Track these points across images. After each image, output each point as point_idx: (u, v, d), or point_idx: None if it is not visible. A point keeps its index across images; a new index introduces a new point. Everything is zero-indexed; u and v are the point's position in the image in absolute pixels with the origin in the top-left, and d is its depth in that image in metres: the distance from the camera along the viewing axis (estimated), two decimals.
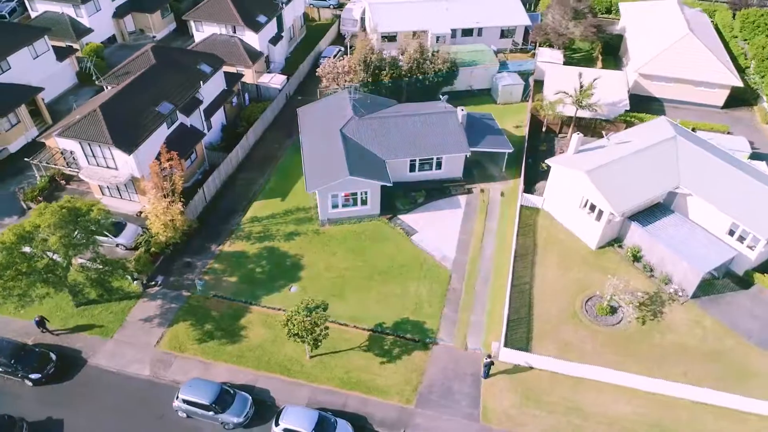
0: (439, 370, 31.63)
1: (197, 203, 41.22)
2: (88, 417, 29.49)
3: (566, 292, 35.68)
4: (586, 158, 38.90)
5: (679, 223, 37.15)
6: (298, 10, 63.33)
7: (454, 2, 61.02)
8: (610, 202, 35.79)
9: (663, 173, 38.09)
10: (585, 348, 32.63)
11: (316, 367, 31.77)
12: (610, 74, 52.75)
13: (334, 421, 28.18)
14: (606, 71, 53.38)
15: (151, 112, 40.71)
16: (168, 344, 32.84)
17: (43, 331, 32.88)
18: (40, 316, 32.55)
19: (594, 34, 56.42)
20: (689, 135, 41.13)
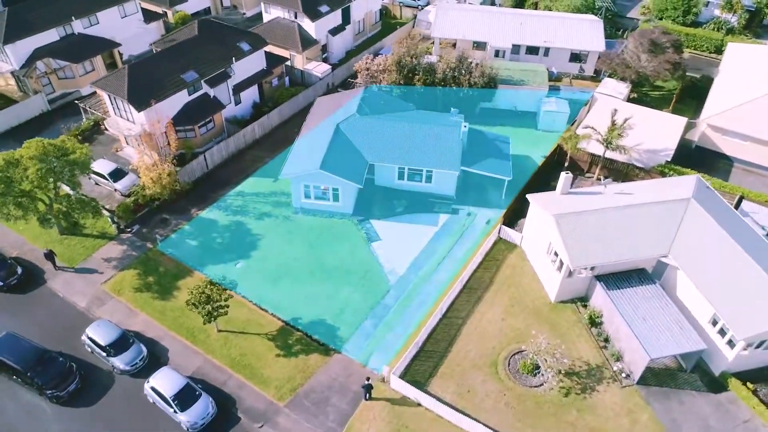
0: (328, 378, 30.94)
1: (195, 168, 44.18)
2: (20, 325, 33.39)
3: (497, 338, 32.67)
4: (569, 201, 35.02)
5: (654, 296, 32.03)
6: (373, 5, 64.07)
7: (532, 18, 57.66)
8: (569, 253, 31.95)
9: (653, 237, 33.03)
10: (486, 401, 29.74)
11: (219, 341, 32.78)
12: (665, 118, 46.74)
13: (198, 394, 29.01)
14: (663, 114, 47.38)
15: (175, 78, 44.29)
16: (111, 286, 35.96)
17: (56, 269, 36.81)
18: (49, 250, 36.78)
19: (668, 72, 49.92)
20: (713, 201, 35.08)
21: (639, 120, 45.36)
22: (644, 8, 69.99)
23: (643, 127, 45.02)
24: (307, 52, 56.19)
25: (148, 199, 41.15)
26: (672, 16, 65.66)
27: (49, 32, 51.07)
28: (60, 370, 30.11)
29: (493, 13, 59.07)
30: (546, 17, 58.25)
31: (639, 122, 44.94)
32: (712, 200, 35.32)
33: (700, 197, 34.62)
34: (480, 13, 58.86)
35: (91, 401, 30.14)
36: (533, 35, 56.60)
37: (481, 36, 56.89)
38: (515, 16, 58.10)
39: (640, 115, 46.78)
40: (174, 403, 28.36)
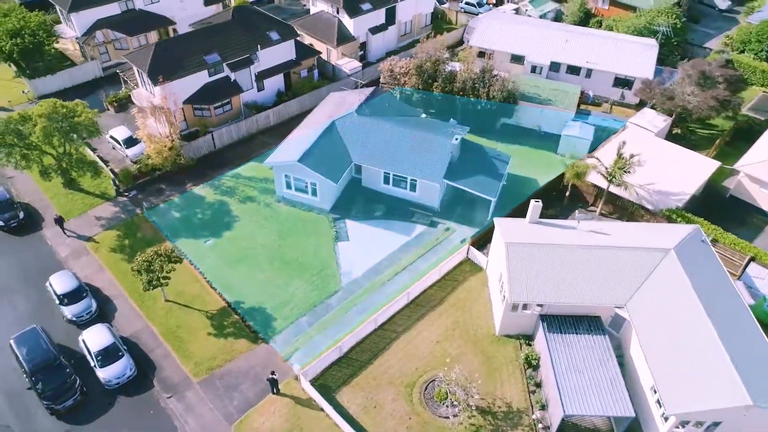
0: (246, 365, 31.40)
1: (202, 145, 46.37)
2: (4, 262, 37.13)
3: (424, 360, 31.38)
4: (533, 231, 32.75)
5: (598, 349, 29.15)
6: (424, 8, 63.32)
7: (580, 35, 54.32)
8: (510, 285, 29.93)
9: (612, 285, 30.05)
10: (388, 421, 28.73)
11: (163, 310, 34.34)
12: (695, 160, 42.27)
13: (121, 354, 30.61)
14: (694, 155, 42.92)
15: (197, 59, 46.71)
16: (92, 243, 38.82)
17: (66, 234, 39.52)
18: (59, 215, 39.76)
19: (713, 109, 44.90)
20: (702, 258, 31.28)
21: (665, 158, 41.60)
22: (728, 38, 63.41)
23: (667, 165, 41.07)
24: (342, 47, 56.85)
25: (150, 168, 43.88)
26: (755, 50, 58.83)
27: (112, 5, 55.76)
28: (62, 381, 29.07)
29: (539, 26, 56.23)
30: (595, 36, 54.52)
31: (664, 160, 41.22)
32: (702, 256, 31.49)
33: (686, 251, 30.97)
34: (525, 25, 56.25)
35: (86, 419, 29.30)
36: (576, 54, 53.20)
37: (519, 49, 54.40)
38: (562, 32, 54.92)
39: (669, 152, 42.82)
40: (96, 359, 30.19)
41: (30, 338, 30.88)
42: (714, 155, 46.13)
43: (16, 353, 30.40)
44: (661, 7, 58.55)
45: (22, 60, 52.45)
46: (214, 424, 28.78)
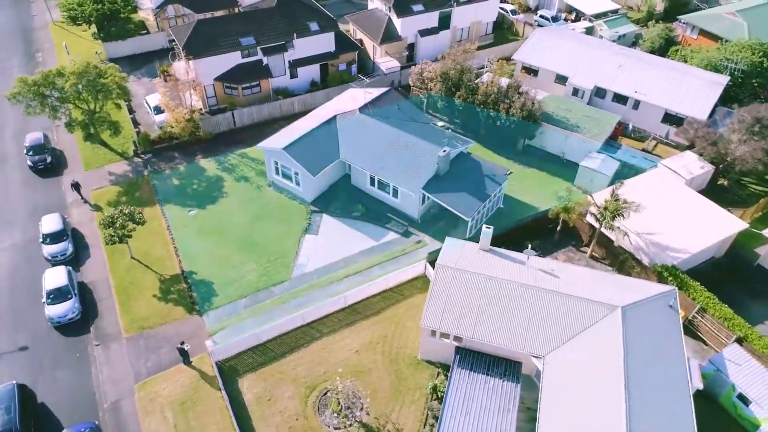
0: (174, 332, 32.65)
1: (221, 122, 48.69)
2: (24, 196, 41.74)
3: (335, 365, 30.65)
4: (476, 258, 30.66)
5: (503, 397, 26.64)
6: (485, 16, 61.04)
7: (637, 61, 49.66)
8: (426, 309, 28.32)
9: (537, 332, 27.32)
10: (276, 417, 28.54)
11: (125, 266, 36.69)
12: (720, 217, 37.05)
13: (70, 297, 33.13)
14: (721, 212, 37.69)
15: (233, 40, 49.05)
16: (95, 195, 42.38)
17: (82, 200, 42.40)
18: (75, 181, 43.24)
19: (761, 162, 38.98)
20: (658, 324, 27.54)
21: (684, 209, 37.10)
22: None
23: (683, 218, 36.49)
24: (387, 46, 56.63)
25: (169, 135, 46.94)
26: None
27: None
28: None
29: (594, 47, 52.01)
30: (656, 65, 49.36)
31: (683, 212, 36.82)
32: (660, 322, 27.64)
33: (639, 313, 27.38)
34: (579, 44, 52.31)
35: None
36: (626, 82, 48.60)
37: (564, 69, 50.80)
38: (618, 57, 50.40)
39: (692, 204, 38.02)
40: (48, 296, 33.09)
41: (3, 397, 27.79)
42: (757, 217, 40.12)
43: None
44: (749, 42, 51.50)
45: (99, 24, 58.34)
46: (122, 379, 30.41)
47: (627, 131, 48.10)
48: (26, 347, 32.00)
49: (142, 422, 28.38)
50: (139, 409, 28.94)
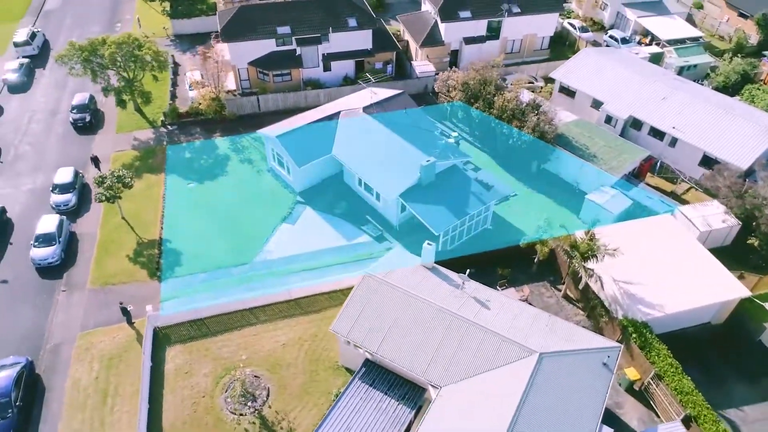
0: (133, 292, 34.50)
1: (245, 104, 50.62)
2: (60, 150, 46.21)
3: (257, 353, 31.00)
4: (412, 274, 29.51)
5: (392, 420, 25.46)
6: (540, 29, 57.97)
7: (687, 95, 45.01)
8: (339, 315, 27.72)
9: (443, 361, 25.74)
10: (184, 391, 29.44)
11: (114, 224, 39.32)
12: (718, 277, 32.89)
13: (54, 244, 36.09)
14: (720, 271, 33.22)
15: (270, 27, 50.75)
16: (115, 156, 45.82)
17: (99, 173, 44.44)
18: (94, 155, 45.96)
19: None
20: (579, 378, 24.96)
21: (683, 264, 33.26)
22: None
23: (677, 273, 32.78)
24: (428, 49, 55.78)
25: (195, 111, 49.64)
26: None
27: None
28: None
29: (643, 73, 47.60)
30: (707, 101, 44.24)
31: (680, 266, 33.06)
32: (582, 379, 25.08)
33: (559, 364, 25.06)
34: (627, 68, 48.13)
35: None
36: (665, 116, 44.12)
37: (600, 93, 47.14)
38: (665, 87, 45.82)
39: (694, 259, 33.87)
40: (35, 239, 36.39)
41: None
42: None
43: None
44: None
45: (172, 1, 62.84)
46: (71, 326, 32.77)
47: (654, 169, 43.65)
48: (6, 281, 35.51)
49: (71, 367, 30.51)
50: (73, 355, 31.14)
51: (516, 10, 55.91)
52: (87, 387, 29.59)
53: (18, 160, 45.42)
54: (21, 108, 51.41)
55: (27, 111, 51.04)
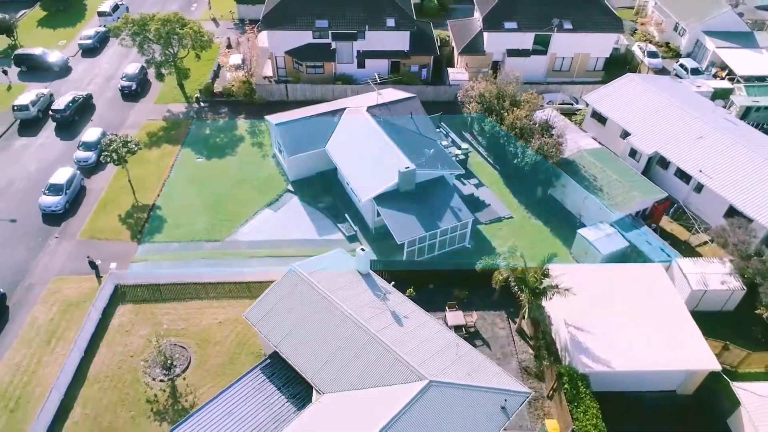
0: (112, 250, 37.10)
1: (274, 91, 52.31)
2: (98, 114, 50.63)
3: (193, 327, 32.19)
4: (343, 278, 29.02)
5: (270, 417, 25.33)
6: (594, 50, 54.26)
7: (730, 137, 40.25)
8: (252, 306, 28.07)
9: (335, 365, 25.14)
10: (118, 347, 31.28)
11: (120, 186, 42.22)
12: (693, 346, 29.22)
13: (61, 194, 39.64)
14: (697, 340, 29.33)
15: (308, 20, 51.95)
16: (146, 124, 49.29)
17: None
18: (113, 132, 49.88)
19: None
20: (470, 415, 23.44)
21: (660, 326, 29.97)
22: None
23: (641, 330, 29.71)
24: (467, 57, 54.46)
25: (228, 92, 52.12)
26: None
27: None
28: None
29: (686, 108, 42.96)
30: (747, 147, 39.19)
31: (655, 327, 29.88)
32: (470, 418, 23.47)
33: (448, 397, 23.64)
34: (671, 100, 43.63)
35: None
36: (694, 156, 39.71)
37: (630, 124, 43.31)
38: (708, 125, 41.08)
39: (665, 318, 30.50)
40: (46, 187, 40.22)
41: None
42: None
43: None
44: None
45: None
46: (48, 270, 35.79)
47: (668, 212, 39.37)
48: (15, 220, 39.62)
49: (35, 306, 33.50)
50: (41, 296, 34.16)
51: (567, 26, 52.79)
52: (41, 326, 32.36)
53: None
54: (86, 71, 56.87)
55: (90, 74, 56.38)
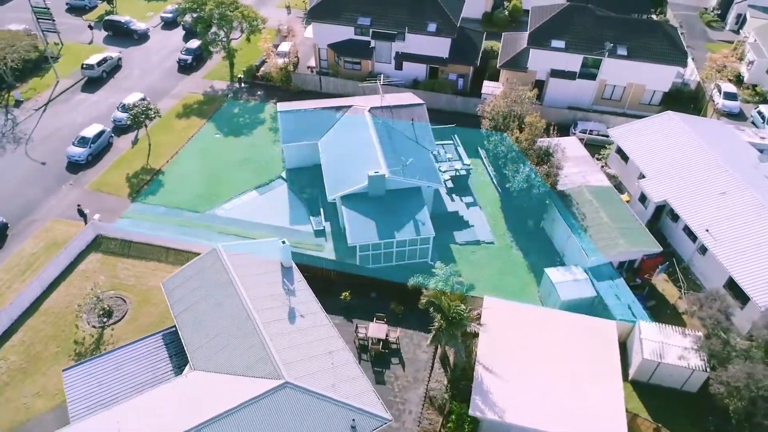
0: (111, 203, 40.65)
1: (309, 81, 53.82)
2: (151, 79, 55.46)
3: (150, 284, 34.33)
4: (262, 266, 29.54)
5: (148, 371, 26.57)
6: (650, 82, 49.44)
7: (759, 199, 35.11)
8: (171, 276, 29.40)
9: (211, 348, 25.72)
10: (72, 290, 34.23)
11: (140, 148, 46.14)
12: (604, 416, 26.04)
13: (86, 147, 44.19)
14: (613, 413, 26.22)
15: (352, 16, 52.70)
16: (187, 96, 53.01)
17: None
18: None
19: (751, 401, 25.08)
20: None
21: (579, 385, 27.63)
22: None
23: (561, 391, 27.34)
24: (508, 72, 52.21)
25: (267, 76, 54.54)
26: None
27: None
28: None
29: (723, 155, 38.04)
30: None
31: (574, 386, 27.62)
32: (314, 426, 23.04)
33: (295, 403, 23.36)
34: (703, 145, 38.78)
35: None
36: (705, 214, 34.99)
37: (648, 166, 39.12)
38: (739, 180, 36.04)
39: (600, 388, 27.51)
40: (76, 138, 44.96)
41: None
42: None
43: None
44: None
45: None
46: (50, 212, 39.96)
47: (661, 271, 34.97)
48: (45, 163, 44.71)
49: (27, 240, 37.75)
50: (35, 232, 38.40)
51: (621, 52, 48.55)
52: (23, 258, 36.46)
53: (126, 78, 55.64)
54: (159, 41, 62.24)
55: (160, 45, 61.64)
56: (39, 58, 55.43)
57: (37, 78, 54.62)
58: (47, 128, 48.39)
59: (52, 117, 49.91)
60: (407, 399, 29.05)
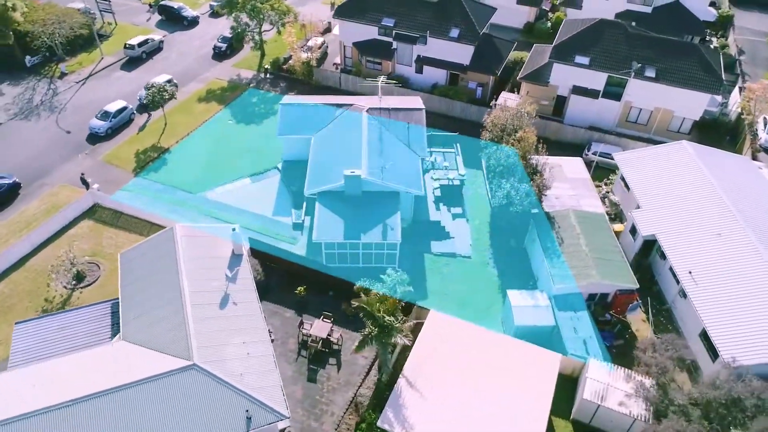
0: (114, 175, 43.23)
1: (329, 77, 54.49)
2: (177, 56, 58.18)
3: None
4: (198, 245, 30.37)
5: (87, 335, 28.04)
6: (679, 108, 46.14)
7: (756, 245, 32.13)
8: (133, 247, 30.75)
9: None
10: (56, 253, 36.52)
11: (155, 127, 48.59)
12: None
13: (106, 121, 47.10)
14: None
15: (377, 15, 52.78)
16: (214, 80, 55.23)
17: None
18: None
19: None
20: None
21: (504, 415, 26.56)
22: None
23: (483, 419, 26.31)
24: (528, 85, 50.45)
25: (291, 70, 55.77)
26: None
27: None
28: None
29: (731, 191, 35.03)
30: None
31: (500, 415, 26.61)
32: (205, 412, 23.53)
33: (195, 385, 23.89)
34: (711, 179, 35.79)
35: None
36: (691, 255, 32.18)
37: (645, 197, 36.50)
38: (739, 221, 32.97)
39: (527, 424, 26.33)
40: (99, 112, 48.04)
41: None
42: None
43: None
44: None
45: None
46: (61, 177, 42.95)
47: (633, 308, 32.55)
48: (69, 132, 48.07)
49: (33, 201, 40.83)
50: (42, 194, 41.43)
51: (649, 74, 45.57)
52: (25, 217, 39.48)
53: (163, 60, 58.71)
54: (204, 28, 65.07)
55: (204, 32, 64.44)
56: (89, 35, 59.56)
57: (85, 53, 58.71)
58: (81, 100, 51.98)
59: (89, 90, 53.53)
60: (333, 401, 28.91)
